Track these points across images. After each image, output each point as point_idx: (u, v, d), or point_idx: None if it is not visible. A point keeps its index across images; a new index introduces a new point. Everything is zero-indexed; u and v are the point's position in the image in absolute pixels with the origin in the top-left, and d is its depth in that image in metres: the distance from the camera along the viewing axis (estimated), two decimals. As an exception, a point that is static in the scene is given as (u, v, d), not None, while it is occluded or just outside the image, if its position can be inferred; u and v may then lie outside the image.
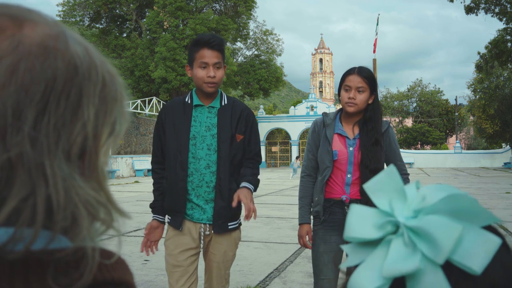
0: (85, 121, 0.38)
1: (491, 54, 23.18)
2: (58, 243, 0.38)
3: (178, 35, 27.34)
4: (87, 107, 0.39)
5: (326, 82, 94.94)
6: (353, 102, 2.29)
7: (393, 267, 0.41)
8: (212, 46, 2.18)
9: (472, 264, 0.39)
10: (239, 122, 2.29)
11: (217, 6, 30.95)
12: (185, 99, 2.32)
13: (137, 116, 33.32)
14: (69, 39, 0.40)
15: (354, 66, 2.41)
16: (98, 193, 0.39)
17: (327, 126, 2.42)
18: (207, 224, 2.26)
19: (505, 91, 34.46)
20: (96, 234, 0.42)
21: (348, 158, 2.36)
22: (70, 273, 0.36)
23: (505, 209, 9.28)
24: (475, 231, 0.41)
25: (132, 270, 0.40)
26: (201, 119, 2.27)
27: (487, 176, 22.13)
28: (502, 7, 22.41)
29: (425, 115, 53.59)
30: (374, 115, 2.35)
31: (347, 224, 0.44)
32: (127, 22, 31.38)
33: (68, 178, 0.37)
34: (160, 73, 26.12)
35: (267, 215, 8.72)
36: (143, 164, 23.50)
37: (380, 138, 2.34)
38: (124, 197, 12.16)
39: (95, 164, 0.39)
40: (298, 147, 38.66)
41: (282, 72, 33.45)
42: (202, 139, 2.24)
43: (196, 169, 2.23)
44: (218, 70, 2.21)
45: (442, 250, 0.39)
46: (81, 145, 0.38)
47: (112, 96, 0.43)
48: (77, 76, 0.39)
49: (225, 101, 2.32)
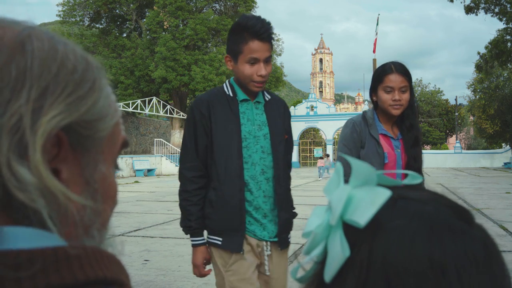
0: (23, 102, 0.38)
1: (491, 54, 23.18)
2: (39, 241, 0.37)
3: (178, 35, 27.34)
4: (29, 88, 0.39)
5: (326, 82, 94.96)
6: (398, 104, 2.12)
7: (308, 228, 0.44)
8: (264, 38, 1.79)
9: (357, 217, 0.40)
10: (285, 120, 2.01)
11: (217, 6, 30.95)
12: (225, 91, 1.93)
13: (137, 116, 33.34)
14: (32, 33, 0.41)
15: (387, 63, 2.20)
16: (29, 172, 0.38)
17: (370, 125, 2.20)
18: (268, 241, 1.91)
19: (505, 91, 34.47)
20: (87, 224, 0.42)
21: (397, 161, 2.19)
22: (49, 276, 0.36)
23: (505, 209, 9.28)
24: (367, 189, 0.43)
25: (130, 270, 0.41)
26: (249, 116, 1.91)
27: (487, 176, 22.12)
28: (502, 7, 22.41)
29: (425, 115, 53.60)
30: (411, 112, 2.20)
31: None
32: (127, 22, 31.37)
33: (3, 151, 0.37)
34: (160, 73, 26.13)
35: (267, 215, 8.71)
36: (143, 164, 23.50)
37: (419, 136, 2.21)
38: (124, 197, 12.15)
39: (28, 145, 0.38)
40: (298, 147, 38.65)
41: (282, 72, 33.46)
42: (255, 140, 1.89)
43: (252, 177, 1.87)
44: (268, 65, 1.85)
45: (334, 212, 0.42)
46: (15, 124, 0.38)
47: (76, 83, 0.42)
48: (22, 57, 0.39)
49: (266, 95, 2.00)
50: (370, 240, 0.40)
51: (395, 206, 0.41)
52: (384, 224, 0.40)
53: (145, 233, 6.69)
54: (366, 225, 0.40)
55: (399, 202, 0.42)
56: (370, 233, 0.40)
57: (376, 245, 0.39)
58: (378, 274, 0.38)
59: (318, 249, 0.43)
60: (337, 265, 0.40)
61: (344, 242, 0.40)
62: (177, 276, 4.35)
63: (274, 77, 32.35)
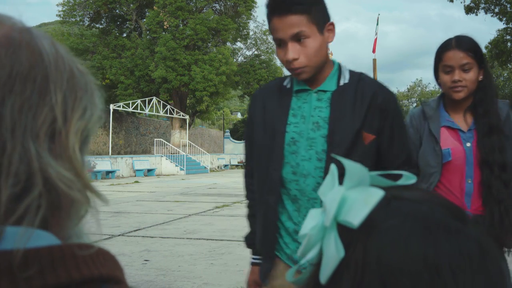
0: (53, 104, 0.40)
1: (491, 54, 23.18)
2: (37, 241, 0.37)
3: (178, 35, 27.34)
4: (54, 92, 0.40)
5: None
6: (460, 85, 1.79)
7: (304, 229, 0.45)
8: (281, 10, 1.38)
9: (350, 218, 0.40)
10: (369, 112, 1.43)
11: (217, 6, 30.95)
12: (283, 82, 1.58)
13: (137, 116, 33.33)
14: (34, 34, 0.43)
15: (449, 38, 1.88)
16: (69, 170, 0.40)
17: (430, 118, 1.88)
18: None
19: (505, 91, 34.49)
20: (77, 217, 0.43)
21: (466, 157, 1.82)
22: (45, 275, 0.36)
23: (505, 209, 9.27)
24: (360, 189, 0.43)
25: (130, 270, 0.42)
26: (305, 112, 1.47)
27: (487, 176, 22.10)
28: (502, 7, 22.42)
29: (425, 115, 53.66)
30: (485, 96, 1.82)
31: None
32: (127, 22, 31.36)
33: (33, 153, 0.38)
34: (160, 73, 26.13)
35: (267, 215, 8.70)
36: (143, 164, 23.49)
37: (496, 123, 1.78)
38: (124, 197, 12.15)
39: (66, 144, 0.40)
40: (298, 147, 38.59)
41: (282, 72, 33.44)
42: (308, 143, 1.44)
43: (302, 192, 1.44)
44: (303, 44, 1.39)
45: (328, 214, 0.42)
46: (50, 126, 0.40)
47: (80, 86, 0.44)
48: (42, 63, 0.41)
49: (345, 78, 1.48)
50: (364, 240, 0.40)
51: (389, 206, 0.41)
52: (378, 224, 0.40)
53: (145, 233, 6.70)
54: (360, 226, 0.40)
55: (393, 202, 0.42)
56: (364, 233, 0.40)
57: (370, 245, 0.39)
58: (373, 274, 0.38)
59: (314, 251, 0.43)
60: (332, 266, 0.40)
61: (338, 243, 0.40)
62: (177, 276, 4.34)
63: (274, 77, 32.36)
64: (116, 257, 0.43)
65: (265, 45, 33.04)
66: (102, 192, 0.43)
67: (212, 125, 62.67)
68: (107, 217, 8.13)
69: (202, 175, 24.69)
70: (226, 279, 4.23)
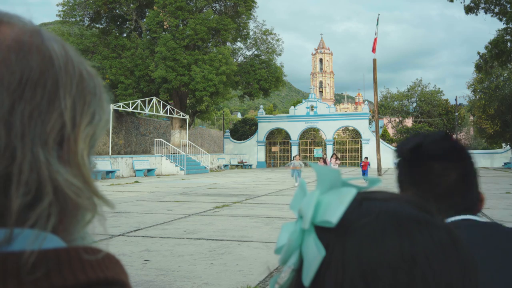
0: (62, 110, 0.40)
1: (491, 54, 23.17)
2: (47, 243, 0.38)
3: (178, 35, 27.35)
4: (64, 97, 0.40)
5: (326, 82, 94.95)
6: None
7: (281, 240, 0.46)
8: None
9: (328, 217, 0.42)
10: None
11: (217, 6, 30.96)
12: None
13: (137, 116, 33.34)
14: (45, 36, 0.42)
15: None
16: (77, 178, 0.40)
17: None
18: None
19: (505, 91, 34.47)
20: (83, 222, 0.43)
21: None
22: (51, 277, 0.36)
23: (505, 209, 9.27)
24: (333, 192, 0.45)
25: (130, 270, 0.42)
26: None
27: (487, 176, 22.11)
28: (502, 7, 22.41)
29: (425, 115, 53.59)
30: None
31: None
32: (127, 22, 31.38)
33: (42, 161, 0.38)
34: (160, 73, 26.13)
35: (267, 215, 8.71)
36: (143, 164, 23.49)
37: None
38: (124, 197, 12.16)
39: (75, 151, 0.40)
40: (298, 147, 38.64)
41: (282, 72, 33.47)
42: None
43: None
44: None
45: (305, 216, 0.43)
46: (58, 133, 0.39)
47: (89, 90, 0.44)
48: (52, 68, 0.40)
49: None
50: (342, 240, 0.41)
51: (361, 207, 0.43)
52: (353, 223, 0.42)
53: (145, 233, 6.70)
54: (336, 227, 0.42)
55: (365, 203, 0.44)
56: (341, 234, 0.42)
57: (348, 244, 0.41)
58: (354, 271, 0.40)
59: (294, 256, 0.44)
60: (314, 266, 0.41)
61: (318, 242, 0.41)
62: (177, 276, 4.34)
63: (274, 77, 32.36)
64: (121, 261, 0.43)
65: (265, 45, 33.04)
66: (105, 194, 0.44)
67: (212, 125, 62.66)
68: (107, 217, 8.11)
69: (202, 175, 24.70)
70: (226, 279, 4.23)
